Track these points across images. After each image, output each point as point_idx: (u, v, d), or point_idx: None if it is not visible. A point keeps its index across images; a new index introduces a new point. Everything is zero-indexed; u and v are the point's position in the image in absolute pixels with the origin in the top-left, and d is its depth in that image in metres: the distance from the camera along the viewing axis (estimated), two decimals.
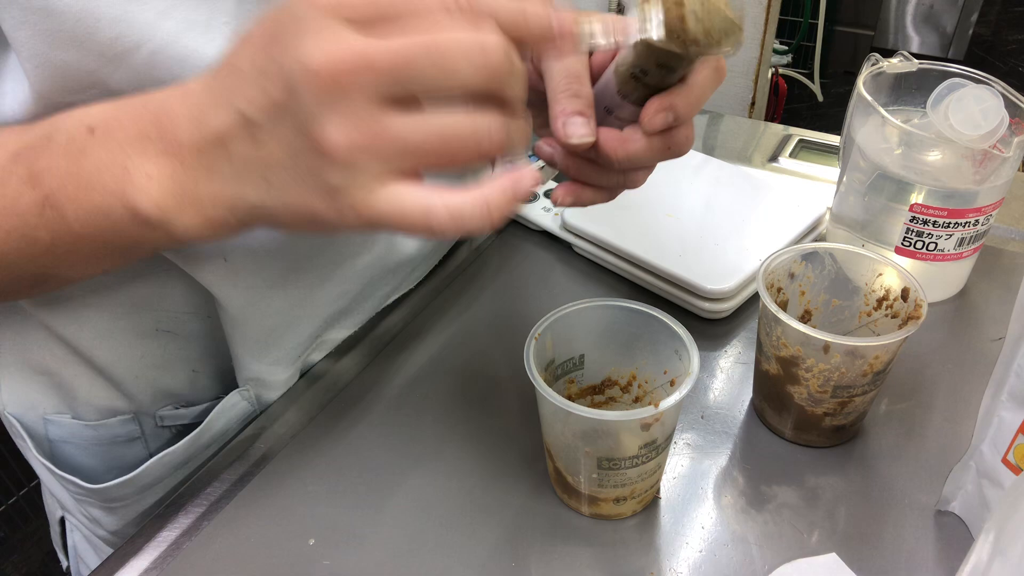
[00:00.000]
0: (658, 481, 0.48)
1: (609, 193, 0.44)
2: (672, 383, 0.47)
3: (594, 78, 0.42)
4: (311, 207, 0.31)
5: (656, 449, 0.44)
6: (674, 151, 0.41)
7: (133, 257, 0.41)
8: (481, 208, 0.30)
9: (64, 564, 0.66)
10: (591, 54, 0.42)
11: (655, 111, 0.38)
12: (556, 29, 0.31)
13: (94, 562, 0.63)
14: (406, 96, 0.29)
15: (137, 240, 0.36)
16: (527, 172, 0.32)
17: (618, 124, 0.41)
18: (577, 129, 0.38)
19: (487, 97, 0.30)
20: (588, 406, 0.42)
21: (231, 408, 0.55)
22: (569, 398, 0.49)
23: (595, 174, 0.42)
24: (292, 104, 0.29)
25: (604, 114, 0.41)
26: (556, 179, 0.68)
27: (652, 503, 0.49)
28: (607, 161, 0.40)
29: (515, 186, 0.31)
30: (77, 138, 0.35)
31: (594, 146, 0.39)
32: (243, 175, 0.32)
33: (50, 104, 0.40)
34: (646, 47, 0.36)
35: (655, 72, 0.37)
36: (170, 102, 0.34)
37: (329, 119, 0.28)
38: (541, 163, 0.44)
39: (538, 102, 0.45)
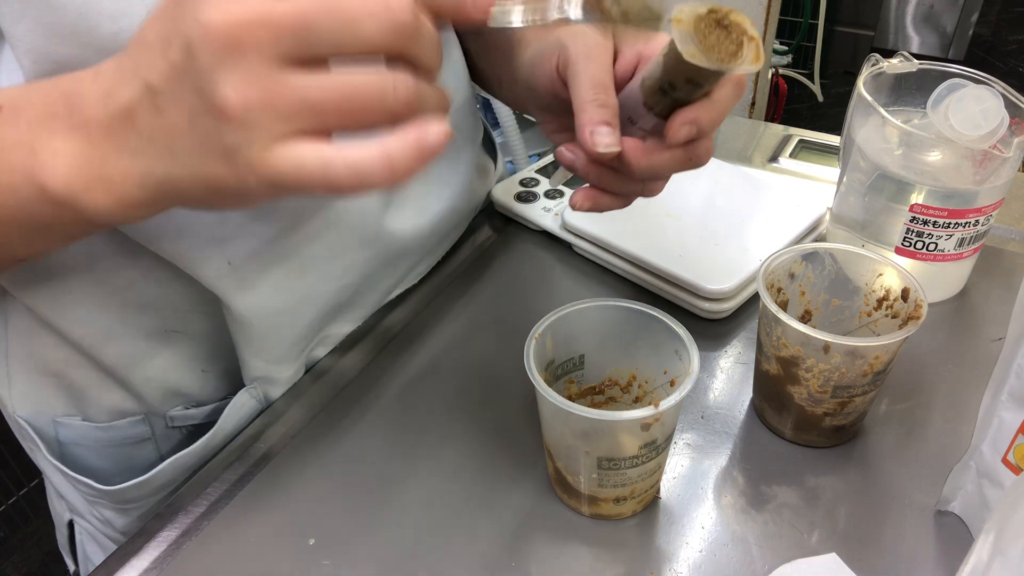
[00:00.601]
0: (658, 481, 0.48)
1: (625, 200, 0.45)
2: (672, 383, 0.47)
3: (618, 87, 0.44)
4: (212, 172, 0.30)
5: (656, 449, 0.44)
6: (695, 162, 0.42)
7: (53, 240, 0.40)
8: (383, 161, 0.29)
9: (71, 568, 0.66)
10: (615, 61, 0.44)
11: (680, 124, 0.39)
12: (469, 2, 0.31)
13: None
14: (309, 56, 0.28)
15: (49, 220, 0.35)
16: (435, 126, 0.30)
17: (640, 134, 0.43)
18: (604, 139, 0.40)
19: (397, 60, 0.29)
20: (588, 406, 0.42)
21: (241, 407, 0.55)
22: (569, 398, 0.48)
23: (615, 181, 0.44)
24: (190, 66, 0.28)
25: (627, 123, 0.43)
26: (568, 183, 0.69)
27: (652, 503, 0.49)
28: (629, 170, 0.42)
29: (420, 139, 0.29)
30: None
31: (617, 155, 0.41)
32: (149, 148, 0.31)
33: None
34: (676, 61, 0.36)
35: (683, 86, 0.38)
36: (81, 82, 0.33)
37: (225, 78, 0.27)
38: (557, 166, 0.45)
39: (558, 108, 0.46)
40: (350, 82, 0.28)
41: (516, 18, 0.35)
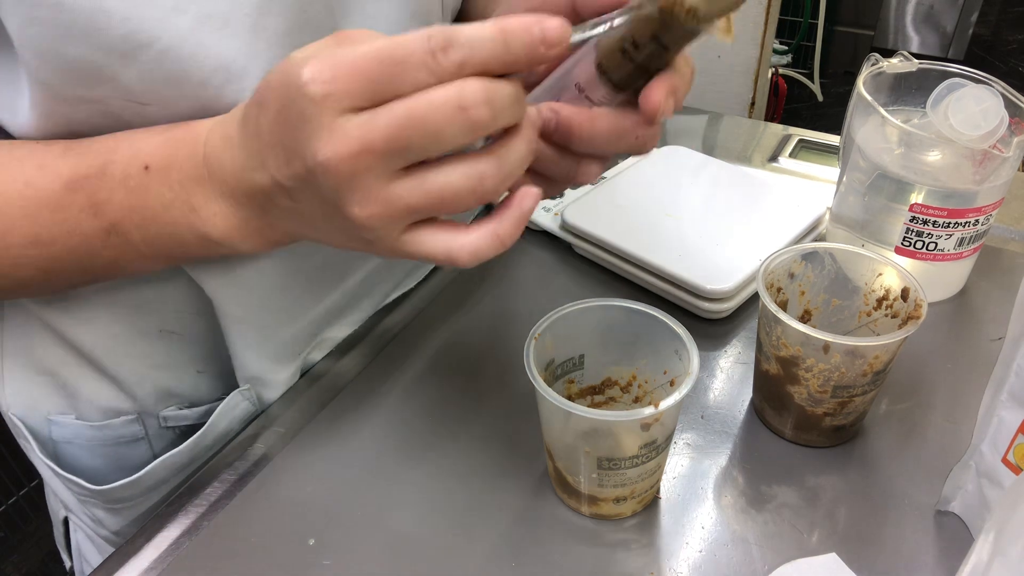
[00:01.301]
0: (658, 481, 0.48)
1: (552, 187, 0.41)
2: (672, 383, 0.47)
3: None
4: (354, 247, 0.36)
5: (656, 449, 0.44)
6: (639, 144, 0.38)
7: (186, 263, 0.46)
8: (494, 241, 0.34)
9: (67, 564, 0.66)
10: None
11: (665, 93, 0.35)
12: (542, 42, 0.31)
13: (98, 562, 0.62)
14: (412, 163, 0.32)
15: (204, 255, 0.42)
16: (528, 195, 0.35)
17: (587, 104, 0.38)
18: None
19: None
20: (588, 406, 0.42)
21: (233, 408, 0.55)
22: (569, 398, 0.49)
23: (548, 159, 0.39)
24: (316, 184, 0.33)
25: (575, 91, 0.38)
26: None
27: (652, 503, 0.49)
28: (569, 137, 0.37)
29: (520, 213, 0.35)
30: (134, 174, 0.39)
31: (558, 125, 0.37)
32: (291, 218, 0.37)
33: (61, 98, 0.40)
34: (647, 17, 0.33)
35: (648, 47, 0.34)
36: (216, 147, 0.38)
37: (349, 199, 0.33)
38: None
39: None
40: (444, 184, 0.33)
41: (596, 30, 0.35)
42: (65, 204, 0.40)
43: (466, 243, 0.34)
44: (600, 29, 0.35)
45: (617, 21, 0.35)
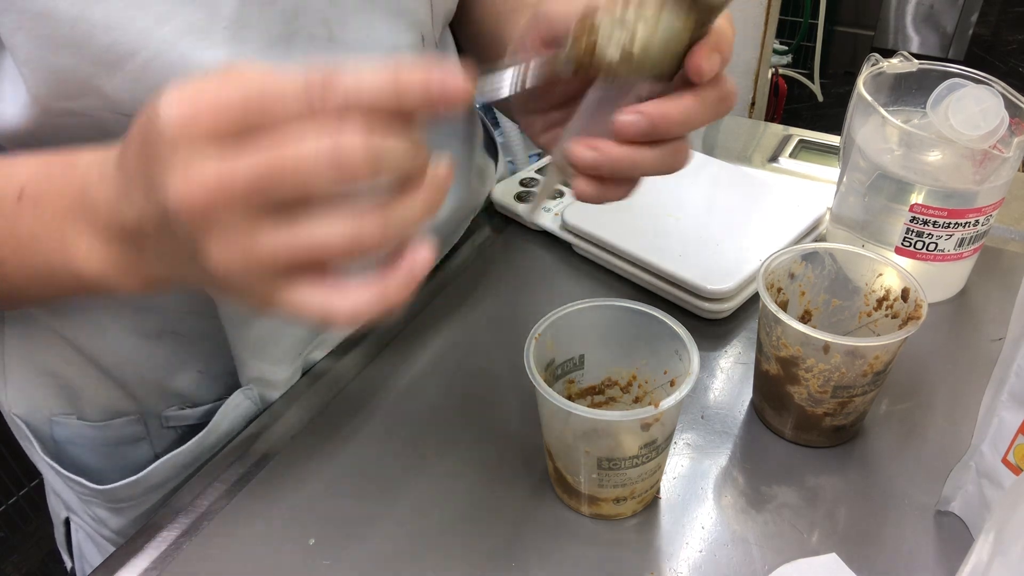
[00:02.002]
0: (658, 481, 0.48)
1: (630, 186, 0.41)
2: (672, 383, 0.47)
3: None
4: (232, 299, 0.32)
5: (656, 449, 0.44)
6: (724, 104, 0.38)
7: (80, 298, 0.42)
8: (380, 301, 0.30)
9: (68, 565, 0.66)
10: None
11: (707, 53, 0.36)
12: (439, 91, 0.29)
13: (99, 563, 0.63)
14: (280, 205, 0.28)
15: (80, 293, 0.38)
16: (421, 256, 0.31)
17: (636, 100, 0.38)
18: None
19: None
20: (588, 406, 0.42)
21: (235, 408, 0.55)
22: (569, 398, 0.49)
23: (627, 157, 0.39)
24: (171, 225, 0.29)
25: (620, 96, 0.38)
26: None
27: (652, 503, 0.49)
28: (665, 125, 0.37)
29: (410, 274, 0.31)
30: (7, 201, 0.36)
31: (652, 120, 0.37)
32: (161, 260, 0.33)
33: (48, 110, 0.40)
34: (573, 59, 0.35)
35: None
36: (91, 182, 0.34)
37: (206, 246, 0.29)
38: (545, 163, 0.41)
39: (539, 105, 0.45)
40: (319, 238, 0.29)
41: (504, 91, 0.34)
42: None
43: (345, 304, 0.30)
44: (507, 82, 0.35)
45: (531, 67, 0.35)
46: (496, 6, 0.59)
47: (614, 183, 0.40)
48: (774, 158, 0.83)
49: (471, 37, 0.62)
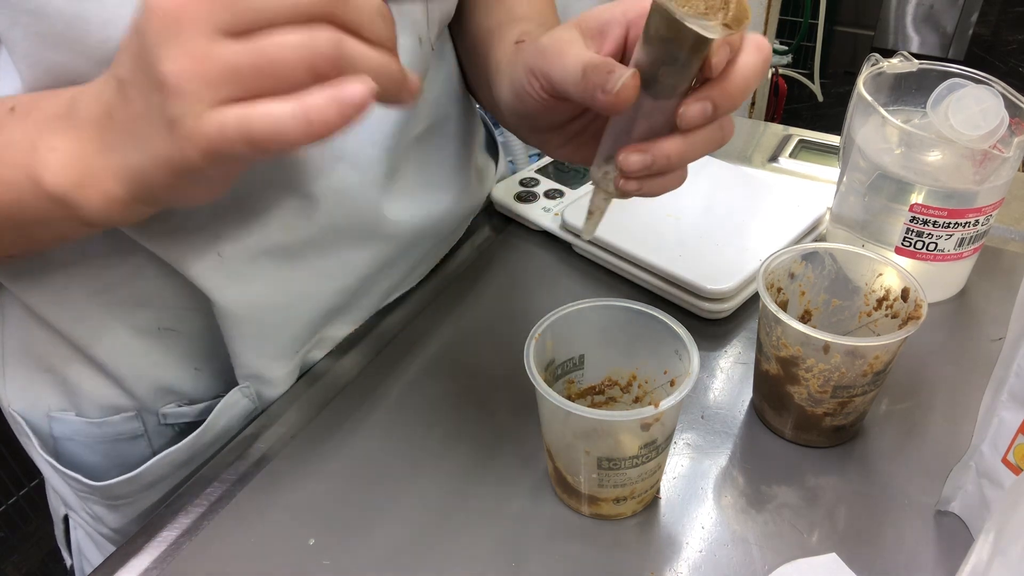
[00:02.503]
0: (658, 481, 0.48)
1: (681, 175, 0.42)
2: (672, 383, 0.47)
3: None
4: (162, 151, 0.32)
5: (656, 449, 0.44)
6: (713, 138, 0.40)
7: (45, 238, 0.41)
8: (297, 114, 0.30)
9: (68, 562, 0.66)
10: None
11: (690, 104, 0.38)
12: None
13: (97, 560, 0.63)
14: (244, 27, 0.29)
15: (43, 216, 0.37)
16: (355, 84, 0.30)
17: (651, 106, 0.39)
18: (618, 80, 0.37)
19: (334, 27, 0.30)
20: (588, 406, 0.42)
21: (232, 406, 0.55)
22: (569, 398, 0.49)
23: (674, 148, 0.40)
24: (141, 47, 0.30)
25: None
26: (567, 183, 0.68)
27: (652, 503, 0.49)
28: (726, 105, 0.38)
29: (337, 94, 0.30)
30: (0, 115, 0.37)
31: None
32: (122, 140, 0.33)
33: None
34: (649, 21, 0.36)
35: (664, 56, 0.37)
36: (87, 86, 0.35)
37: (165, 52, 0.29)
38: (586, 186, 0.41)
39: (556, 122, 0.45)
40: (272, 44, 0.29)
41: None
42: None
43: (265, 110, 0.29)
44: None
45: None
46: (485, 21, 0.59)
47: (664, 176, 0.41)
48: (774, 158, 0.83)
49: (465, 51, 0.63)
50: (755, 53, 0.38)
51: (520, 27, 0.56)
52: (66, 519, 0.64)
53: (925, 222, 0.57)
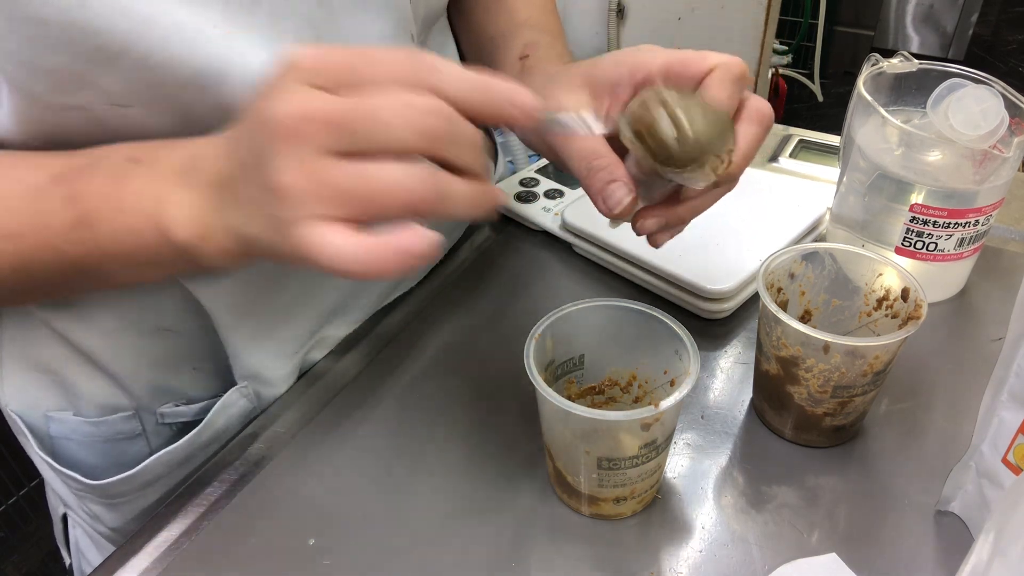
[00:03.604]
0: (658, 481, 0.48)
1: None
2: (672, 383, 0.47)
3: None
4: (266, 234, 0.34)
5: (656, 449, 0.44)
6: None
7: (150, 279, 0.44)
8: (366, 256, 0.32)
9: (67, 561, 0.66)
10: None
11: (646, 216, 0.45)
12: (519, 105, 0.34)
13: (96, 558, 0.63)
14: (354, 151, 0.31)
15: (162, 261, 0.39)
16: (421, 236, 0.32)
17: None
18: (614, 199, 0.43)
19: (435, 160, 0.33)
20: (588, 406, 0.42)
21: (231, 406, 0.55)
22: (569, 398, 0.48)
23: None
24: (257, 149, 0.33)
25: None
26: (569, 184, 0.68)
27: (652, 503, 0.49)
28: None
29: (399, 245, 0.32)
30: (121, 165, 0.39)
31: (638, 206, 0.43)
32: (238, 209, 0.35)
33: (44, 105, 0.40)
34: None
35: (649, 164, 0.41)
36: (206, 145, 0.38)
37: (283, 163, 0.31)
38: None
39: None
40: (379, 177, 0.31)
41: (568, 125, 0.39)
42: (45, 195, 0.39)
43: (355, 249, 0.32)
44: (567, 120, 0.40)
45: (592, 123, 0.40)
46: (488, 27, 0.60)
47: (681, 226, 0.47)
48: (774, 158, 0.83)
49: (470, 55, 0.63)
50: (755, 126, 0.43)
51: (523, 36, 0.57)
52: (64, 518, 0.64)
53: (925, 222, 0.57)
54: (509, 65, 0.56)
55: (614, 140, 0.42)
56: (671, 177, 0.40)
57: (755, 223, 0.65)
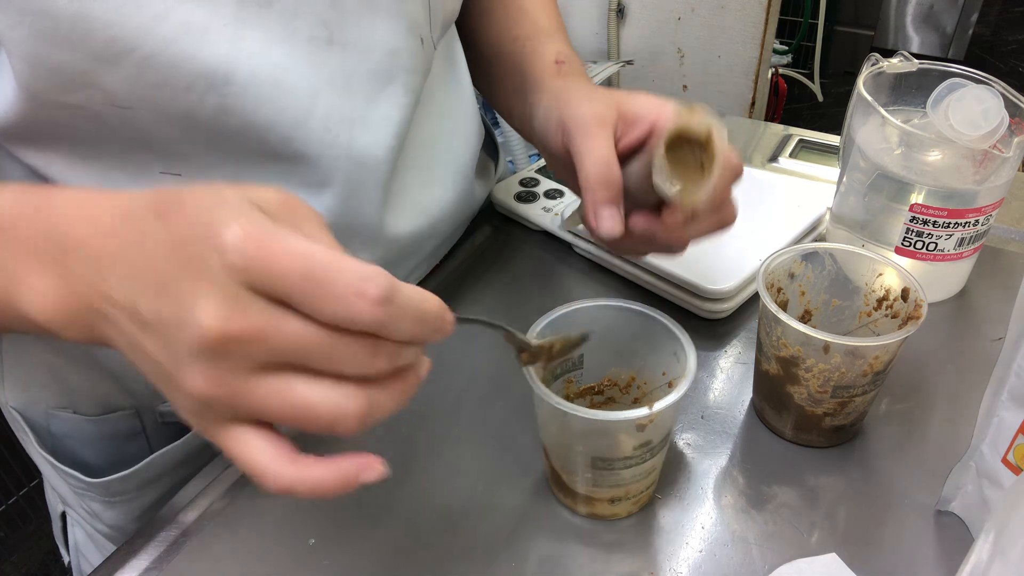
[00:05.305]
0: (654, 483, 0.48)
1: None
2: (670, 385, 0.47)
3: (629, 150, 0.48)
4: (171, 402, 0.32)
5: (651, 451, 0.44)
6: (722, 226, 0.48)
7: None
8: (309, 489, 0.31)
9: (65, 559, 0.66)
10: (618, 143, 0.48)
11: (633, 224, 0.47)
12: (443, 330, 0.34)
13: (94, 557, 0.63)
14: (282, 364, 0.29)
15: (23, 330, 0.36)
16: (370, 469, 0.31)
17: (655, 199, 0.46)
18: (606, 223, 0.46)
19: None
20: (587, 406, 0.42)
21: None
22: (568, 398, 0.49)
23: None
24: (176, 336, 0.29)
25: (642, 192, 0.46)
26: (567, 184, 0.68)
27: (650, 504, 0.49)
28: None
29: (351, 478, 0.31)
30: None
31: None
32: (123, 343, 0.33)
33: (43, 102, 0.40)
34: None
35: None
36: (76, 230, 0.33)
37: (198, 369, 0.29)
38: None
39: (572, 167, 0.48)
40: (308, 400, 0.29)
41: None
42: None
43: (281, 474, 0.30)
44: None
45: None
46: (511, 30, 0.61)
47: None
48: (774, 158, 0.83)
49: (486, 58, 0.63)
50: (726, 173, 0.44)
51: (553, 44, 0.59)
52: (63, 516, 0.64)
53: (925, 222, 0.57)
54: (546, 64, 0.57)
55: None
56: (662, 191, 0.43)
57: (755, 223, 0.65)
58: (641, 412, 0.41)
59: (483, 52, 0.64)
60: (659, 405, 0.41)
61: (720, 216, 0.47)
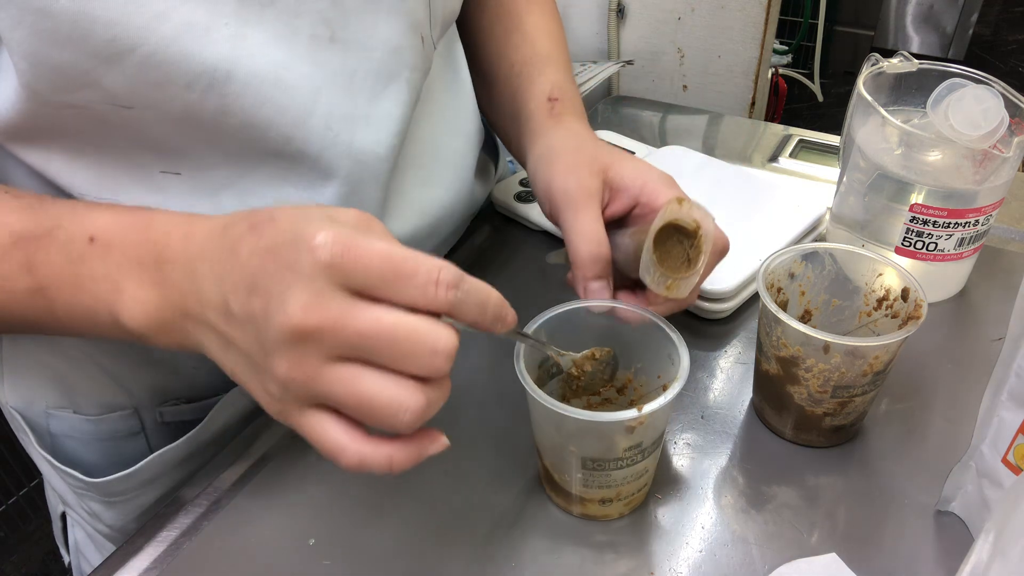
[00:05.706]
0: (647, 485, 0.48)
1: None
2: (664, 387, 0.47)
3: (616, 217, 0.50)
4: (255, 393, 0.36)
5: (643, 452, 0.44)
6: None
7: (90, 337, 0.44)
8: (384, 462, 0.34)
9: (65, 559, 0.66)
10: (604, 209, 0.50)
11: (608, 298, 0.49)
12: (503, 321, 0.38)
13: (94, 557, 0.63)
14: (357, 360, 0.33)
15: (114, 337, 0.40)
16: (436, 443, 0.36)
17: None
18: (596, 296, 0.48)
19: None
20: (583, 407, 0.42)
21: (231, 405, 0.55)
22: (563, 397, 0.49)
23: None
24: (264, 328, 0.33)
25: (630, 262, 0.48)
26: None
27: (652, 503, 0.48)
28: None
29: (420, 451, 0.35)
30: (77, 242, 0.39)
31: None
32: (213, 341, 0.36)
33: (44, 101, 0.40)
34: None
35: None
36: (172, 244, 0.37)
37: (284, 356, 0.33)
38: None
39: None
40: (373, 391, 0.33)
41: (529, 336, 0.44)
42: (4, 257, 0.39)
43: (357, 449, 0.34)
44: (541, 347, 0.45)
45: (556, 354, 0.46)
46: (511, 54, 0.62)
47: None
48: (774, 158, 0.83)
49: (486, 77, 0.65)
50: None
51: (549, 74, 0.60)
52: (63, 516, 0.64)
53: (925, 222, 0.57)
54: (538, 101, 0.58)
55: None
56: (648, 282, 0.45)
57: (755, 223, 0.65)
58: (630, 414, 0.41)
59: (483, 72, 0.65)
60: (648, 407, 0.41)
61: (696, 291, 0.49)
